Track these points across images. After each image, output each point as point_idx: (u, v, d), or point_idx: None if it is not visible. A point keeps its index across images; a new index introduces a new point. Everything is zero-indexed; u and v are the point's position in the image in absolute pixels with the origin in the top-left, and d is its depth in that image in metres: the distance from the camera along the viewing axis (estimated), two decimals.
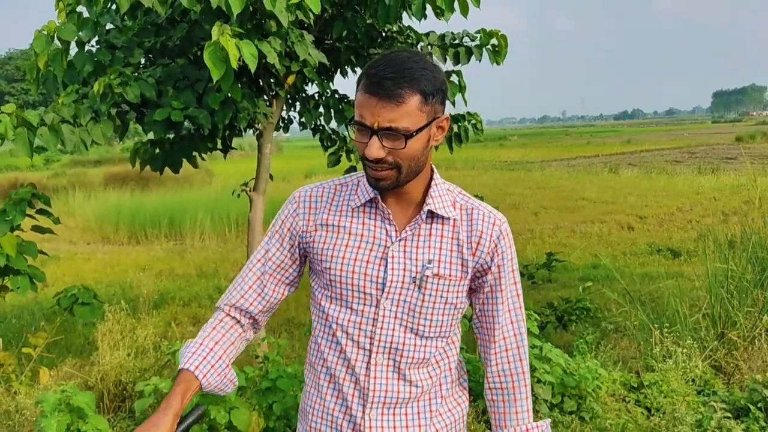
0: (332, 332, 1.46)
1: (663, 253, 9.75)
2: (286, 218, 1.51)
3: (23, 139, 3.43)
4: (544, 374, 3.39)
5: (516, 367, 1.53)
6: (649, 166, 23.69)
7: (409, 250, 1.43)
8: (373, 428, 1.44)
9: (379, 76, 1.30)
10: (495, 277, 1.49)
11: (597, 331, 4.94)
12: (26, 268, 4.19)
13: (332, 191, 1.50)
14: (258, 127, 4.80)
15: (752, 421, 3.46)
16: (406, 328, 1.44)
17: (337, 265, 1.43)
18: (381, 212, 1.44)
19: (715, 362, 4.54)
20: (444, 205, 1.45)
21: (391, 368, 1.44)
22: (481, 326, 1.55)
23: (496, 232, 1.47)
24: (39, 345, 4.35)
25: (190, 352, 1.43)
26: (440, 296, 1.44)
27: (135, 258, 10.67)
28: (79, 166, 26.08)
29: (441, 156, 29.30)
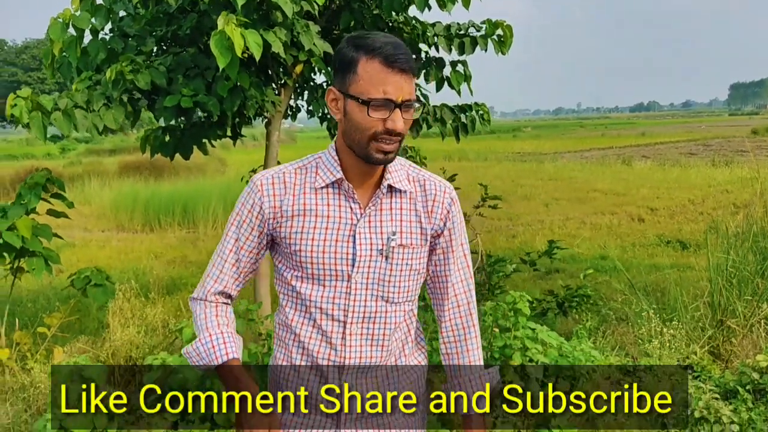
0: (305, 308, 1.56)
1: (672, 244, 9.78)
2: (253, 207, 1.56)
3: (37, 122, 3.57)
4: (536, 354, 3.49)
5: (467, 321, 1.68)
6: (663, 158, 23.59)
7: (374, 224, 1.54)
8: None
9: (394, 53, 1.42)
10: (447, 240, 1.63)
11: (597, 318, 5.03)
12: (41, 250, 4.34)
13: (293, 175, 1.57)
14: (266, 115, 4.91)
15: (740, 402, 3.55)
16: (377, 297, 1.55)
17: (308, 248, 1.53)
18: (345, 191, 1.54)
19: (713, 349, 4.62)
20: (400, 178, 1.58)
21: (364, 336, 1.56)
22: (434, 286, 1.68)
23: (447, 200, 1.61)
24: (53, 325, 4.51)
25: (223, 343, 1.53)
26: (406, 264, 1.56)
27: (149, 245, 10.84)
28: (95, 155, 26.37)
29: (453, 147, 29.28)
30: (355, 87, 1.44)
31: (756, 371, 3.74)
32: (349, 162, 1.53)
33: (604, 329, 4.85)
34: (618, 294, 5.79)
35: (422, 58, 5.15)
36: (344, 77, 1.47)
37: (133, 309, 4.34)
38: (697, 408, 3.34)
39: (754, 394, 3.67)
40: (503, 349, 3.46)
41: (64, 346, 4.34)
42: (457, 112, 5.43)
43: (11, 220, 4.23)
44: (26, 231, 4.22)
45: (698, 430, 3.30)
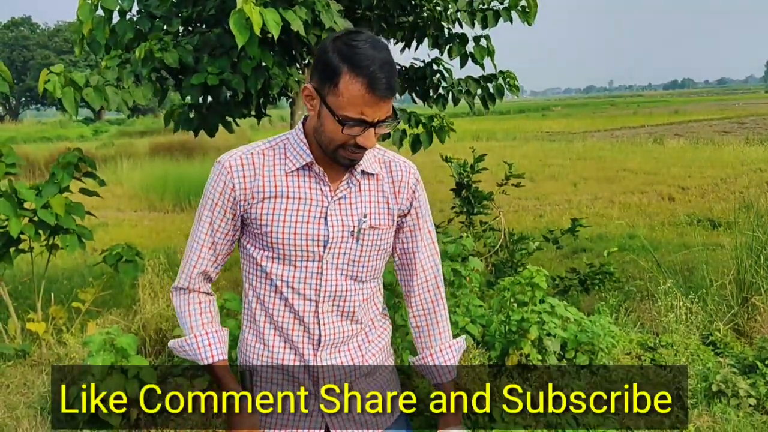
0: (276, 288, 1.58)
1: (702, 223, 9.65)
2: (224, 189, 1.56)
3: (70, 97, 3.69)
4: (553, 328, 3.53)
5: (435, 294, 1.73)
6: (696, 136, 23.11)
7: (345, 207, 1.58)
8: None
9: (378, 76, 1.42)
10: (413, 219, 1.68)
11: (620, 295, 5.03)
12: (75, 227, 4.48)
13: (261, 156, 1.57)
14: (290, 94, 4.98)
15: (759, 377, 3.55)
16: (347, 276, 1.60)
17: (279, 229, 1.54)
18: (316, 174, 1.56)
19: (737, 326, 4.60)
20: (370, 162, 1.62)
21: (336, 313, 1.60)
22: (402, 263, 1.73)
23: (413, 180, 1.67)
24: (87, 300, 4.66)
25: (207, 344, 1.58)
26: (375, 245, 1.62)
27: (179, 225, 11.02)
28: (126, 136, 26.80)
29: (482, 127, 29.16)
30: (332, 100, 1.45)
31: None
32: (318, 148, 1.55)
33: (627, 306, 4.85)
34: (645, 273, 5.77)
35: (445, 35, 5.16)
36: (324, 83, 1.46)
37: (162, 283, 4.47)
38: (715, 382, 3.36)
39: None
40: (520, 323, 3.51)
41: (96, 319, 4.50)
42: (482, 82, 5.43)
43: (45, 199, 4.37)
44: (60, 209, 4.36)
45: (715, 403, 3.32)
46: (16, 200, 4.32)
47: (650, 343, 4.09)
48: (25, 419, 3.40)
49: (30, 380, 3.94)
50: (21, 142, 24.91)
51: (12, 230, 4.19)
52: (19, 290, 5.59)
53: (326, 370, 1.60)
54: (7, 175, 4.40)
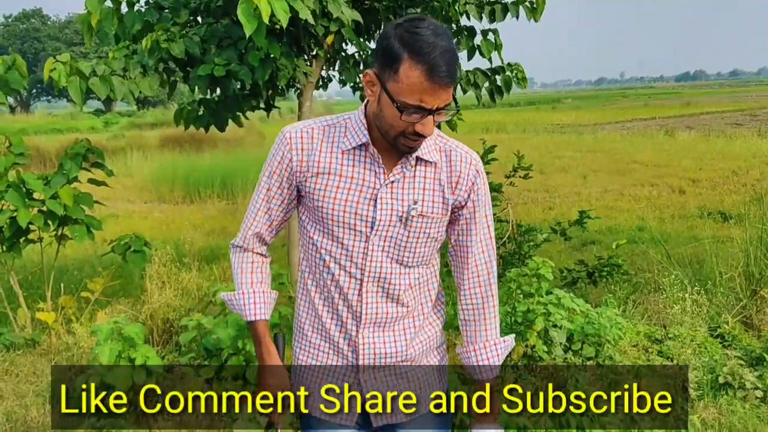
0: (324, 263, 1.62)
1: (713, 216, 9.58)
2: (282, 159, 1.61)
3: (75, 86, 3.70)
4: (559, 320, 3.52)
5: (486, 290, 1.70)
6: (708, 128, 22.94)
7: (396, 191, 1.58)
8: (366, 344, 1.63)
9: (440, 64, 1.42)
10: (470, 211, 1.65)
11: (628, 287, 5.01)
12: (83, 217, 4.51)
13: (321, 132, 1.60)
14: (298, 86, 4.97)
15: (766, 369, 3.53)
16: (392, 259, 1.60)
17: (329, 206, 1.57)
18: (371, 156, 1.57)
19: (746, 319, 4.58)
20: (429, 150, 1.60)
21: (380, 293, 1.61)
22: (456, 255, 1.71)
23: (473, 172, 1.63)
24: (96, 290, 4.70)
25: (253, 303, 1.66)
26: (423, 232, 1.61)
27: (189, 216, 11.07)
28: (137, 128, 26.89)
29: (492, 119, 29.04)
30: (392, 86, 1.45)
31: None
32: (377, 131, 1.56)
33: (635, 298, 4.84)
34: (654, 265, 5.74)
35: (453, 27, 5.14)
36: (384, 70, 1.46)
37: (169, 273, 4.50)
38: (722, 374, 3.35)
39: None
40: (526, 314, 3.50)
41: (105, 309, 4.54)
42: (490, 75, 5.40)
43: (54, 189, 4.41)
44: (68, 199, 4.39)
45: (722, 395, 3.31)
46: (25, 191, 4.35)
47: (657, 335, 4.08)
48: (34, 407, 3.44)
49: (39, 369, 3.98)
50: (32, 133, 25.04)
51: (21, 220, 4.22)
52: (29, 280, 5.64)
53: (367, 348, 1.63)
54: (16, 166, 4.42)
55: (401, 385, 1.67)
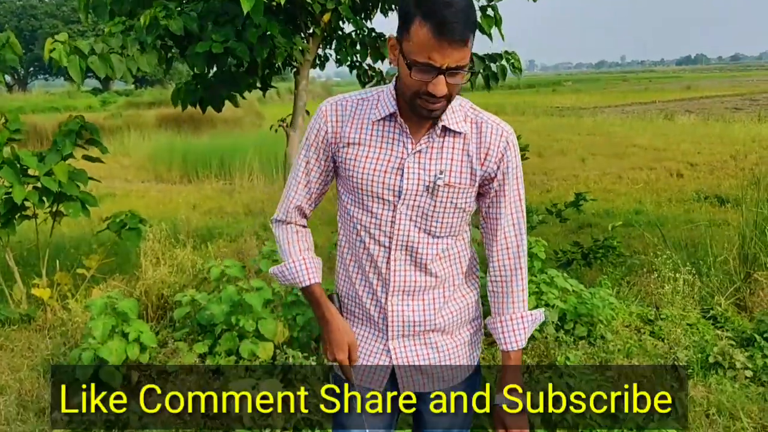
0: (357, 232, 1.67)
1: (710, 200, 9.59)
2: (319, 131, 1.66)
3: (75, 65, 3.69)
4: (552, 299, 3.54)
5: (515, 263, 1.69)
6: (707, 112, 22.89)
7: (423, 161, 1.59)
8: (395, 311, 1.66)
9: (449, 21, 1.41)
10: (500, 184, 1.64)
11: (622, 269, 5.03)
12: (78, 193, 4.50)
13: (355, 104, 1.65)
14: (295, 64, 4.95)
15: (757, 350, 3.56)
16: (419, 229, 1.62)
17: (359, 175, 1.61)
18: (399, 126, 1.59)
19: (739, 301, 4.60)
20: (456, 120, 1.60)
21: (408, 262, 1.64)
22: (486, 226, 1.71)
23: (503, 144, 1.61)
24: (92, 267, 4.71)
25: (305, 269, 1.71)
26: (450, 202, 1.61)
27: (186, 196, 11.07)
28: (134, 107, 26.80)
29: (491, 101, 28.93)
30: (405, 45, 1.47)
31: None
32: (402, 99, 1.58)
33: (629, 280, 4.85)
34: (650, 248, 5.75)
35: None
36: (401, 30, 1.49)
37: (164, 250, 4.51)
38: (712, 354, 3.37)
39: None
40: None
41: (99, 285, 4.55)
42: (487, 61, 5.38)
43: (48, 166, 4.40)
44: (63, 176, 4.38)
45: (712, 374, 3.33)
46: (20, 167, 4.34)
47: (650, 316, 4.10)
48: (28, 381, 3.46)
49: (34, 344, 4.00)
50: (29, 112, 24.96)
51: (16, 197, 4.22)
52: (25, 257, 5.65)
53: (396, 315, 1.67)
54: (11, 142, 4.41)
55: (430, 355, 1.70)
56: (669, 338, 3.70)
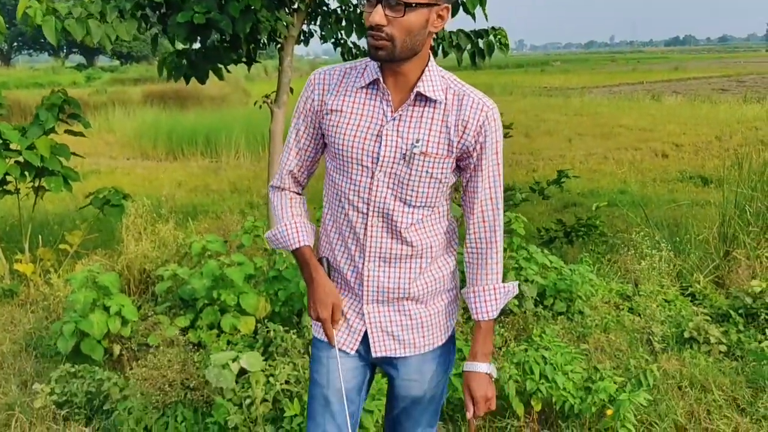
0: (338, 198, 1.71)
1: (693, 180, 9.68)
2: (307, 101, 1.73)
3: (50, 25, 3.64)
4: (531, 274, 3.58)
5: (490, 236, 1.73)
6: (694, 94, 22.94)
7: (401, 129, 1.61)
8: (371, 276, 1.70)
9: None
10: (478, 157, 1.66)
11: (604, 247, 5.08)
12: (60, 168, 4.48)
13: (342, 73, 1.70)
14: (279, 40, 4.91)
15: (732, 325, 3.62)
16: (395, 197, 1.65)
17: (340, 140, 1.65)
18: (381, 93, 1.62)
19: (718, 279, 4.67)
20: (434, 88, 1.61)
21: (385, 229, 1.68)
22: (465, 200, 1.74)
23: (482, 118, 1.62)
24: (74, 243, 4.70)
25: (296, 232, 1.75)
26: (426, 171, 1.63)
27: (172, 174, 11.00)
28: (119, 84, 26.51)
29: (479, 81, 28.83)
30: None
31: (749, 296, 3.79)
32: (385, 66, 1.61)
33: (610, 257, 4.91)
34: (633, 227, 5.81)
35: None
36: None
37: (145, 225, 4.50)
38: (687, 329, 3.43)
39: (746, 318, 3.74)
40: None
41: (81, 260, 4.54)
42: (473, 38, 5.35)
43: (30, 140, 4.37)
44: (45, 150, 4.35)
45: (686, 349, 3.39)
46: (1, 141, 4.31)
47: (629, 292, 4.16)
48: (11, 354, 3.47)
49: (17, 318, 4.00)
50: (13, 87, 24.64)
51: None
52: (8, 232, 5.62)
53: (371, 281, 1.71)
54: None
55: (403, 321, 1.74)
56: (645, 314, 3.76)
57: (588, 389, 2.62)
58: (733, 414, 2.83)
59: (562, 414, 2.73)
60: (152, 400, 2.69)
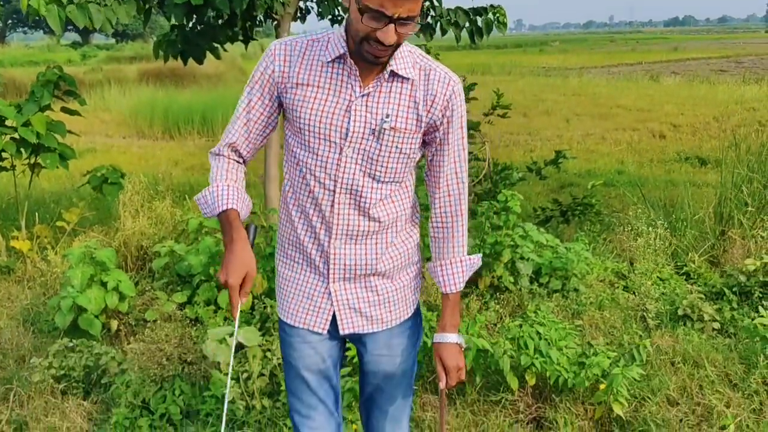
0: (302, 175, 1.67)
1: (691, 161, 9.68)
2: (265, 70, 1.64)
3: (54, 14, 3.63)
4: (527, 252, 3.60)
5: (455, 209, 1.75)
6: (693, 74, 22.87)
7: (371, 104, 1.60)
8: (338, 254, 1.68)
9: None
10: (444, 132, 1.67)
11: (601, 226, 5.09)
12: (56, 145, 4.47)
13: (305, 46, 1.63)
14: (275, 16, 4.88)
15: (725, 303, 3.65)
16: (364, 173, 1.64)
17: (306, 116, 1.61)
18: (349, 68, 1.59)
19: (713, 258, 4.69)
20: (405, 66, 1.61)
21: (352, 206, 1.66)
22: (429, 174, 1.75)
23: (449, 92, 1.64)
24: (72, 220, 4.70)
25: (226, 195, 1.62)
26: (395, 147, 1.63)
27: (168, 152, 10.97)
28: (115, 62, 26.32)
29: (477, 61, 28.74)
30: None
31: (743, 274, 3.82)
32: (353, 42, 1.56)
33: (605, 236, 4.92)
34: (629, 207, 5.82)
35: None
36: None
37: (142, 201, 4.50)
38: (681, 306, 3.46)
39: (740, 296, 3.77)
40: (494, 246, 3.57)
41: (79, 237, 4.55)
42: (472, 15, 5.32)
43: (26, 117, 4.35)
44: (41, 127, 4.34)
45: (680, 326, 3.42)
46: None
47: (624, 271, 4.18)
48: (8, 329, 3.48)
49: (14, 294, 4.01)
50: (8, 65, 24.43)
51: None
52: (5, 210, 5.62)
53: (338, 259, 1.68)
54: None
55: (370, 297, 1.73)
56: (640, 291, 3.78)
57: (582, 364, 2.64)
58: (725, 389, 2.87)
59: (556, 388, 2.75)
60: (150, 373, 2.71)
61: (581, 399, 2.79)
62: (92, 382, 2.92)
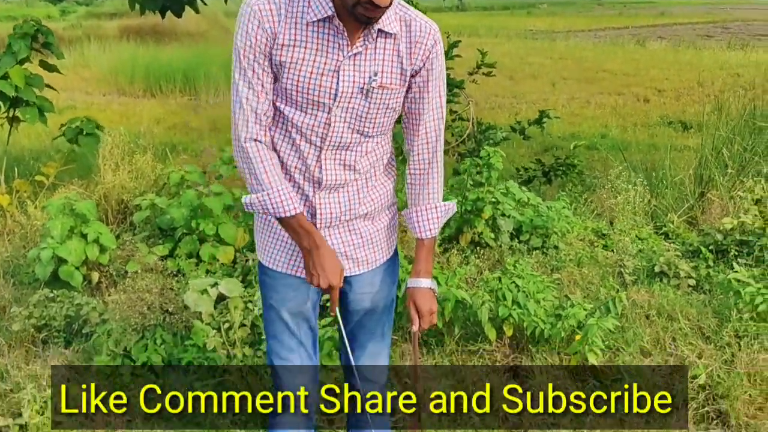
0: (287, 131, 1.67)
1: (674, 125, 9.75)
2: (258, 33, 1.57)
3: None
4: (508, 209, 3.63)
5: (432, 156, 1.78)
6: (679, 39, 22.84)
7: (359, 64, 1.61)
8: (323, 204, 1.72)
9: None
10: (424, 80, 1.69)
11: (581, 187, 5.14)
12: (35, 99, 4.41)
13: (286, 3, 1.58)
14: None
15: (702, 261, 3.72)
16: (353, 130, 1.66)
17: (294, 77, 1.60)
18: (335, 28, 1.58)
19: (691, 219, 4.76)
20: (390, 21, 1.61)
21: (337, 161, 1.69)
22: (408, 122, 1.77)
23: (430, 42, 1.66)
24: (50, 174, 4.65)
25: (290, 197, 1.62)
26: (383, 103, 1.66)
27: (150, 110, 10.82)
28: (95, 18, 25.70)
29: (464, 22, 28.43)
30: None
31: (720, 233, 3.88)
32: (340, 5, 1.54)
33: (587, 197, 4.97)
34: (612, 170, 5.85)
35: None
36: None
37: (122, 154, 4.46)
38: (658, 263, 3.52)
39: (716, 254, 3.84)
40: (476, 202, 3.59)
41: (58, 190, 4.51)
42: None
43: (4, 70, 4.28)
44: (19, 80, 4.28)
45: (656, 282, 3.49)
46: None
47: (604, 230, 4.23)
48: None
49: None
50: None
51: None
52: None
53: (323, 209, 1.72)
54: None
55: (354, 240, 1.78)
56: (618, 247, 3.84)
57: (558, 316, 2.70)
58: (698, 341, 2.95)
59: (533, 339, 2.82)
60: (131, 323, 2.73)
61: (557, 349, 2.86)
62: (73, 331, 2.93)
